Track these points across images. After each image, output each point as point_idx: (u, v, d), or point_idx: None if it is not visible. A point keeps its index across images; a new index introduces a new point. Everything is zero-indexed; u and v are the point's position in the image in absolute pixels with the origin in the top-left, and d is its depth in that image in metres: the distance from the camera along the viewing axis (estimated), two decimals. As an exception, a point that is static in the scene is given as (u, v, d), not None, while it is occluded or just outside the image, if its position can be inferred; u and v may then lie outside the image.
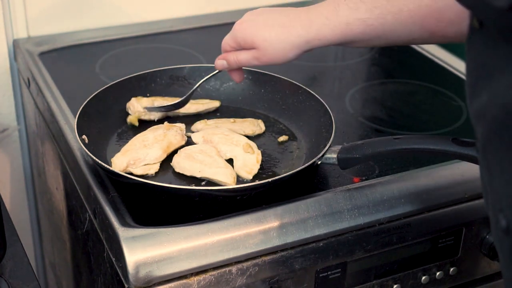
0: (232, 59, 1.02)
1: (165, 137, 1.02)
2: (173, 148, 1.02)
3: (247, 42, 0.99)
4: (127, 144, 1.01)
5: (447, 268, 1.07)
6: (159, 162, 1.00)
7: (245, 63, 1.01)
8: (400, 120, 1.19)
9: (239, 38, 1.00)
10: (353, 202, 0.97)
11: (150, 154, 0.99)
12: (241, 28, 0.99)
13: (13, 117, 1.43)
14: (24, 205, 1.53)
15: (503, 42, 0.56)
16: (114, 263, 0.90)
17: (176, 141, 1.02)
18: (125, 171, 0.96)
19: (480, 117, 0.60)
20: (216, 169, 0.96)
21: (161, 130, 1.03)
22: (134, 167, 0.97)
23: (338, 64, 1.42)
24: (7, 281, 0.97)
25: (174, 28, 1.47)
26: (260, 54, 0.98)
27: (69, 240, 1.21)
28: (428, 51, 1.41)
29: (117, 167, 0.96)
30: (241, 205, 0.93)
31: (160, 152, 0.99)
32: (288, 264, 0.94)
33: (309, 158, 1.01)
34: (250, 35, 0.98)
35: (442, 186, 1.03)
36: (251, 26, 0.99)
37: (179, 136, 1.03)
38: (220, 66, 1.04)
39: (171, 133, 1.03)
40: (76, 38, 1.41)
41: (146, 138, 1.01)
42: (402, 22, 0.94)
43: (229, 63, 1.03)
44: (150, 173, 0.98)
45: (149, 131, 1.04)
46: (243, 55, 1.01)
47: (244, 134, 1.06)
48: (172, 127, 1.04)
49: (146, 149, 0.99)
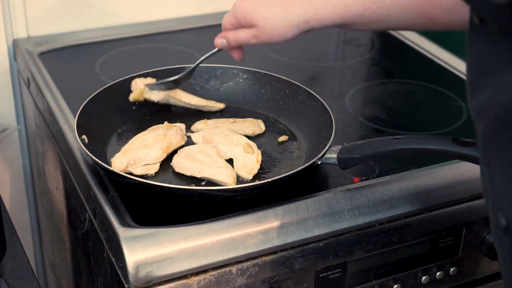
0: (231, 37, 1.04)
1: (165, 137, 1.01)
2: (173, 148, 1.02)
3: (247, 20, 1.01)
4: (127, 144, 1.01)
5: (447, 268, 1.07)
6: (159, 162, 1.00)
7: (244, 41, 1.03)
8: (400, 120, 1.19)
9: (239, 16, 1.02)
10: (353, 202, 0.97)
11: (150, 154, 0.99)
12: (241, 6, 1.02)
13: (13, 117, 1.43)
14: (24, 205, 1.53)
15: (504, 39, 0.56)
16: (114, 263, 0.90)
17: (176, 141, 1.02)
18: (125, 171, 0.96)
19: (481, 114, 0.60)
20: (216, 169, 0.96)
21: (161, 130, 1.03)
22: (134, 167, 0.97)
23: (338, 64, 1.42)
24: (7, 281, 0.97)
25: (174, 28, 1.47)
26: (259, 32, 1.00)
27: (69, 240, 1.21)
28: (428, 51, 1.41)
29: (117, 167, 0.96)
30: (241, 205, 0.93)
31: (160, 152, 0.99)
32: (288, 264, 0.94)
33: (309, 158, 1.00)
34: (250, 13, 1.01)
35: (442, 186, 1.03)
36: (251, 4, 1.01)
37: (179, 136, 1.03)
38: (220, 44, 1.06)
39: (171, 133, 1.02)
40: (76, 38, 1.41)
41: (146, 138, 1.01)
42: (400, 7, 0.95)
43: (228, 41, 1.05)
44: (150, 173, 0.98)
45: (149, 131, 1.04)
46: (242, 33, 1.03)
47: (244, 134, 1.06)
48: (172, 127, 1.04)
49: (146, 149, 0.99)
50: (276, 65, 1.33)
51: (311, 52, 1.42)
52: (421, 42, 1.46)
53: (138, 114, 1.12)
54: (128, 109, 1.12)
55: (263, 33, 1.00)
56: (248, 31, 1.02)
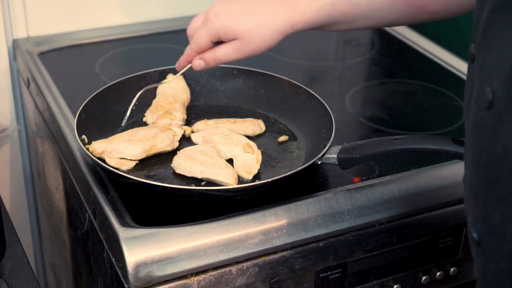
0: (210, 58, 0.97)
1: (153, 138, 1.01)
2: (155, 151, 1.00)
3: (228, 34, 0.94)
4: (118, 133, 1.02)
5: (447, 268, 1.07)
6: (135, 160, 0.99)
7: (225, 58, 0.96)
8: (400, 120, 1.19)
9: (220, 32, 0.94)
10: (353, 202, 0.97)
11: (129, 150, 0.98)
12: (219, 20, 0.94)
13: (13, 117, 1.43)
14: (24, 205, 1.53)
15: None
16: (114, 263, 0.90)
17: (162, 145, 1.01)
18: (99, 156, 0.97)
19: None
20: (217, 169, 0.95)
21: (154, 130, 1.03)
22: (109, 156, 0.97)
23: (338, 64, 1.42)
24: (6, 281, 0.97)
25: (174, 28, 1.47)
26: (243, 45, 0.94)
27: (69, 240, 1.21)
28: (428, 51, 1.41)
29: (93, 149, 0.97)
30: (241, 205, 0.93)
31: (139, 151, 0.99)
32: (288, 264, 0.94)
33: (309, 158, 1.00)
34: (230, 26, 0.93)
35: (442, 186, 1.03)
36: (230, 17, 0.94)
37: (167, 141, 1.01)
38: (199, 67, 0.99)
39: (161, 136, 1.01)
40: (76, 38, 1.41)
41: (136, 134, 1.01)
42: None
43: (207, 62, 0.98)
44: (123, 168, 0.97)
45: (145, 128, 1.04)
46: (222, 51, 0.96)
47: (244, 134, 1.06)
48: (166, 130, 1.03)
49: (128, 144, 0.99)
50: (276, 65, 1.33)
51: (311, 52, 1.42)
52: (421, 42, 1.46)
53: (138, 114, 1.12)
54: (128, 109, 1.12)
55: (246, 45, 0.93)
56: (229, 46, 0.95)
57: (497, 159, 0.58)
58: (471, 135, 0.63)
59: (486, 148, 0.59)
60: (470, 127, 0.63)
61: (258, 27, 0.93)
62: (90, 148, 0.97)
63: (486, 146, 0.59)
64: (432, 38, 1.47)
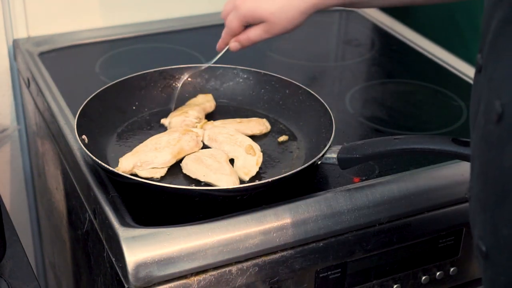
0: (244, 40, 1.06)
1: (178, 142, 1.00)
2: (184, 154, 1.00)
3: (255, 18, 1.03)
4: (141, 144, 1.01)
5: (447, 268, 1.07)
6: (167, 167, 0.98)
7: (257, 39, 1.05)
8: (400, 120, 1.19)
9: (247, 17, 1.03)
10: (353, 202, 0.97)
11: (158, 158, 0.97)
12: (246, 6, 1.03)
13: (13, 117, 1.43)
14: (24, 205, 1.53)
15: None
16: (114, 263, 0.90)
17: (188, 147, 1.01)
18: (130, 172, 0.96)
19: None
20: (220, 175, 0.95)
21: (177, 134, 1.02)
22: (140, 169, 0.96)
23: (338, 64, 1.42)
24: (7, 281, 0.97)
25: (174, 28, 1.47)
26: (271, 27, 1.02)
27: (69, 240, 1.21)
28: (428, 51, 1.41)
29: (123, 167, 0.96)
30: (241, 205, 0.93)
31: (169, 157, 0.98)
32: (288, 264, 0.94)
33: (309, 158, 1.00)
34: (257, 11, 1.02)
35: (442, 186, 1.03)
36: (255, 2, 1.02)
37: (192, 143, 1.01)
38: (235, 48, 1.08)
39: (186, 139, 1.01)
40: (76, 38, 1.41)
41: (159, 141, 1.00)
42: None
43: (242, 43, 1.07)
44: (156, 176, 0.97)
45: (165, 133, 1.03)
46: (253, 32, 1.05)
47: (251, 134, 1.06)
48: (188, 132, 1.03)
49: (156, 152, 0.98)
50: (276, 65, 1.34)
51: (311, 52, 1.42)
52: (421, 42, 1.46)
53: (138, 114, 1.12)
54: (128, 109, 1.12)
55: (274, 27, 1.02)
56: (259, 28, 1.04)
57: (506, 174, 0.57)
58: (478, 148, 0.62)
59: (495, 161, 0.58)
60: (478, 140, 0.62)
61: (282, 11, 1.01)
62: (121, 169, 0.95)
63: (494, 160, 0.59)
64: (432, 38, 1.47)
